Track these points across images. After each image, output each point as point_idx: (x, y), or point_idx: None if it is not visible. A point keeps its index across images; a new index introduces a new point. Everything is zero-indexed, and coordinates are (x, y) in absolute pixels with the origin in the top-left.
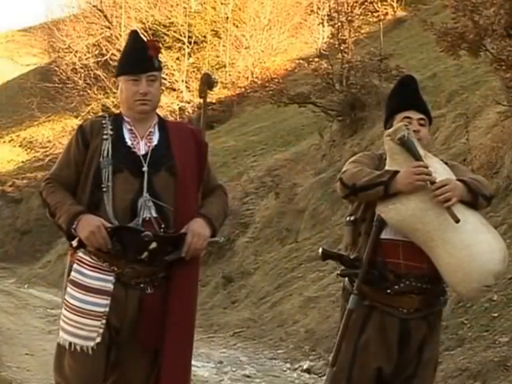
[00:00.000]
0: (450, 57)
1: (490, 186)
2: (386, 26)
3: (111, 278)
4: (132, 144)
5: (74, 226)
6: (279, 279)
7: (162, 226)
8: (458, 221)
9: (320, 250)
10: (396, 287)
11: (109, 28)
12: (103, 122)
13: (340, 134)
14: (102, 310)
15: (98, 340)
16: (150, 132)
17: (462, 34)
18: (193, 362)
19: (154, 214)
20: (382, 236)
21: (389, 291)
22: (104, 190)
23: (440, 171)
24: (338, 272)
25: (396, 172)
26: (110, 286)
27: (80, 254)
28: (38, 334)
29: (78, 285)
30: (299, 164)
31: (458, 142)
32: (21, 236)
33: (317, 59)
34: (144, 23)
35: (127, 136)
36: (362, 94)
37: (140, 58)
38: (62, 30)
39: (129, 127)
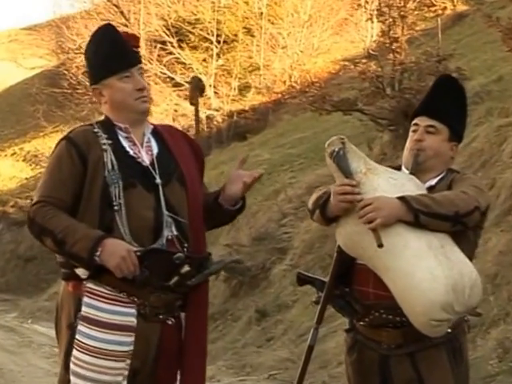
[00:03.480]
0: None
1: (463, 204)
2: (444, 22)
3: (133, 311)
4: (134, 153)
5: (97, 254)
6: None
7: (185, 244)
8: (380, 245)
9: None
10: (366, 319)
11: (126, 26)
12: (94, 130)
13: (392, 146)
14: (127, 348)
15: None
16: (148, 138)
17: None
18: None
19: (175, 232)
20: (358, 260)
21: (362, 323)
22: (116, 208)
23: (384, 188)
24: (313, 299)
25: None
26: (132, 320)
27: (90, 285)
28: (43, 376)
29: (94, 322)
30: None
31: None
32: (24, 264)
33: (364, 60)
34: (166, 20)
35: (126, 144)
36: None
37: (125, 51)
38: (72, 28)
39: (125, 135)
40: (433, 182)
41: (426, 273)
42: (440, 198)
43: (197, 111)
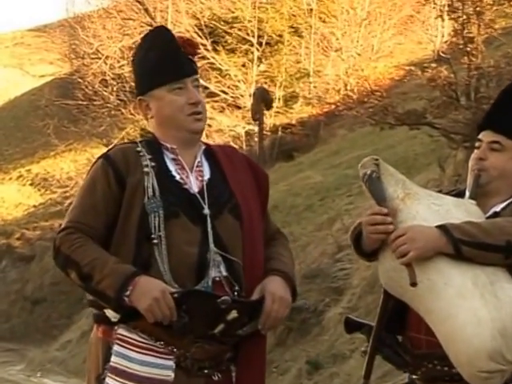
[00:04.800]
0: None
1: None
2: None
3: (171, 363)
4: (181, 179)
5: (127, 293)
6: (384, 365)
7: (236, 287)
8: (413, 284)
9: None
10: (419, 372)
11: (151, 25)
12: (137, 149)
13: (467, 166)
14: None
15: None
16: (199, 162)
17: None
18: None
19: (224, 273)
20: None
21: (415, 377)
22: (155, 241)
23: (424, 216)
24: (362, 348)
25: None
26: (169, 374)
27: (121, 331)
28: None
29: (124, 374)
30: None
31: None
32: (32, 306)
33: (434, 65)
34: (198, 18)
35: (172, 168)
36: None
37: (179, 58)
38: (88, 28)
39: (172, 156)
40: (498, 207)
41: (469, 315)
42: (488, 225)
43: (261, 130)
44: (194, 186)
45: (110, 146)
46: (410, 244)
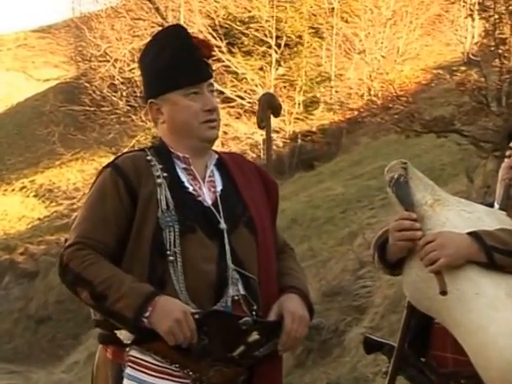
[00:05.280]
0: None
1: None
2: None
3: None
4: (194, 190)
5: (146, 314)
6: None
7: (254, 306)
8: (443, 292)
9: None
10: None
11: (162, 26)
12: (148, 158)
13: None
14: None
15: None
16: (212, 172)
17: None
18: None
19: (242, 291)
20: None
21: None
22: (170, 259)
23: (455, 223)
24: (383, 369)
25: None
26: None
27: (134, 352)
28: None
29: None
30: None
31: None
32: (36, 326)
33: (463, 68)
34: (212, 18)
35: (184, 178)
36: None
37: (197, 60)
38: (96, 29)
39: (183, 165)
40: None
41: (502, 327)
42: None
43: (269, 137)
44: (207, 197)
45: (118, 154)
46: (440, 251)
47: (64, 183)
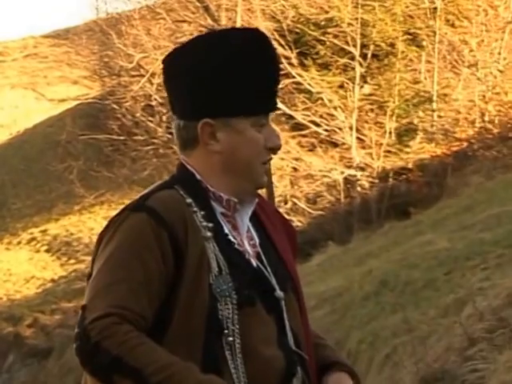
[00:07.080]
0: None
1: None
2: None
3: None
4: (238, 245)
5: None
6: None
7: None
8: None
9: None
10: None
11: (212, 30)
12: (188, 201)
13: None
14: None
15: None
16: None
17: None
18: None
19: (303, 377)
20: None
21: None
22: (230, 339)
23: None
24: None
25: None
26: None
27: None
28: None
29: None
30: None
31: None
32: None
33: None
34: (279, 21)
35: (226, 228)
36: None
37: (276, 83)
38: (127, 34)
39: (221, 210)
40: None
41: None
42: None
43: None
44: (251, 255)
45: (143, 193)
46: None
47: (85, 234)
